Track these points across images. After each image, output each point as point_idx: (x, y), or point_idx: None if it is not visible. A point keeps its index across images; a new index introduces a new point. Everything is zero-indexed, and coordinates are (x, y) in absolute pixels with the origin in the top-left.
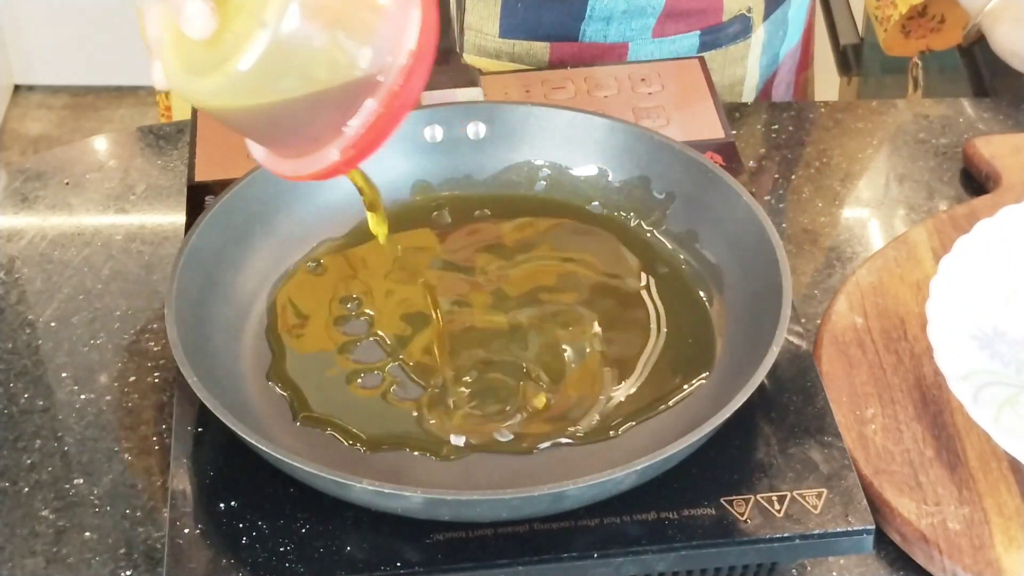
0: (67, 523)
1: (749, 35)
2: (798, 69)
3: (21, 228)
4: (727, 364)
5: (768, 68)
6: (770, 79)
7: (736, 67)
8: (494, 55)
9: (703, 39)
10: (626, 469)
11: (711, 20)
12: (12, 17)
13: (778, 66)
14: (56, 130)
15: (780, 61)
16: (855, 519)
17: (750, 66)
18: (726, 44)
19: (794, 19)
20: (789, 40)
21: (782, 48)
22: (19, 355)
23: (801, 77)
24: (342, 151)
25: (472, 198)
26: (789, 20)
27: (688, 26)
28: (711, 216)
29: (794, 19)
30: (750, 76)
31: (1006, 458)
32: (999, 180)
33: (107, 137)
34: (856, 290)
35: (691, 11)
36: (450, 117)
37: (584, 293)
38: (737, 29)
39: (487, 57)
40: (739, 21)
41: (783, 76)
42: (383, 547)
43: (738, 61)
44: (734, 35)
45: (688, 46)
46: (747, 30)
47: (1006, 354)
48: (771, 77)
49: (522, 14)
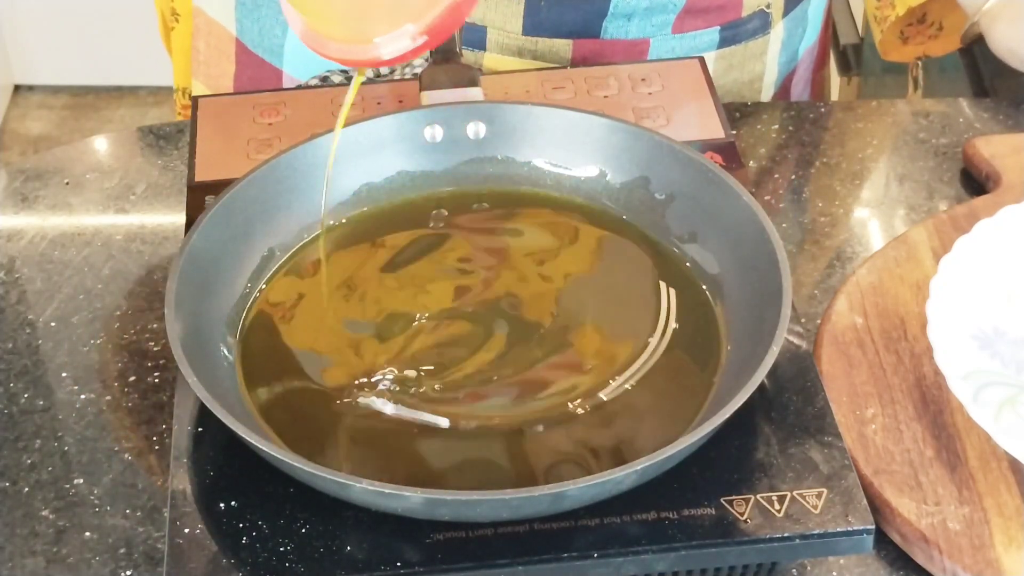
0: (67, 523)
1: (768, 31)
2: (815, 67)
3: (21, 228)
4: (727, 364)
5: (787, 65)
6: (789, 76)
7: (755, 63)
8: (517, 53)
9: (723, 35)
10: (626, 469)
11: (730, 16)
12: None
13: (797, 63)
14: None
15: (799, 58)
16: (855, 519)
17: (769, 63)
18: (745, 40)
19: (813, 16)
20: (808, 38)
21: (801, 45)
22: (19, 355)
23: (819, 75)
24: (414, 36)
25: (472, 197)
26: (809, 17)
27: (707, 22)
28: (711, 216)
29: (813, 16)
30: (769, 73)
31: (1006, 458)
32: (999, 180)
33: (107, 137)
34: (856, 290)
35: (711, 7)
36: (450, 117)
37: (584, 293)
38: (756, 25)
39: (510, 55)
40: (758, 17)
41: (801, 74)
42: (383, 547)
43: (757, 57)
44: (753, 31)
45: (708, 42)
46: (766, 26)
47: (1006, 354)
48: (790, 74)
49: (545, 12)
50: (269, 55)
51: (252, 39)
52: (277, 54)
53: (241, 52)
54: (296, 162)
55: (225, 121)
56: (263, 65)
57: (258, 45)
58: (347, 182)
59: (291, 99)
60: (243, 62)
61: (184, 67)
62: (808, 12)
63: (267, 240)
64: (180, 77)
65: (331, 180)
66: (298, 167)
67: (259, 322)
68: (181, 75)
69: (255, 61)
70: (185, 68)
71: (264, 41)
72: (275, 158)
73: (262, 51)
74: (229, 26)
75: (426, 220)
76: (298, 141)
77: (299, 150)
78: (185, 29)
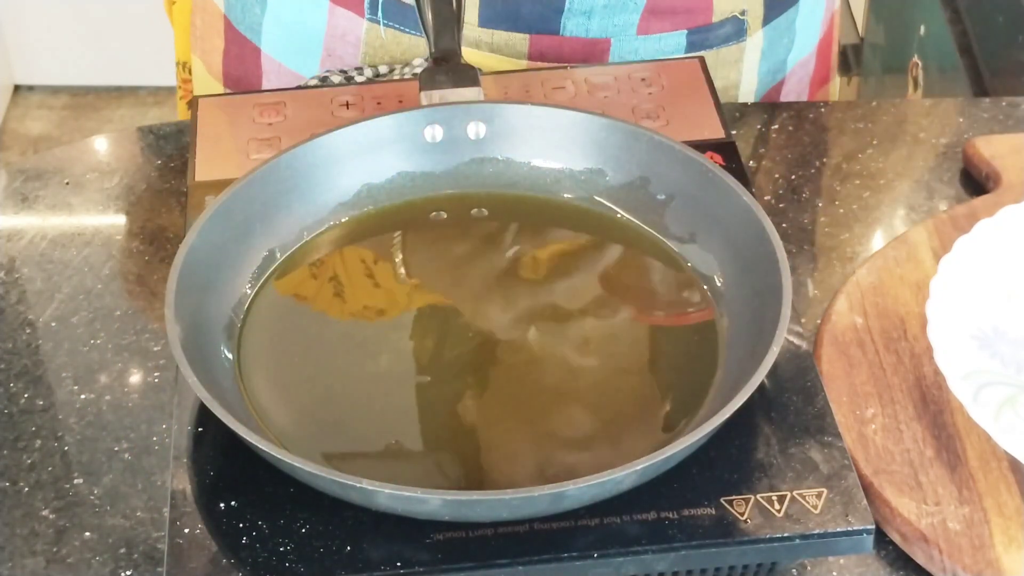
0: (67, 523)
1: (743, 38)
2: (814, 82)
3: (21, 228)
4: (727, 364)
5: (771, 76)
6: (775, 88)
7: (729, 70)
8: (474, 44)
9: (690, 39)
10: (626, 469)
11: (699, 20)
12: (12, 17)
13: (785, 75)
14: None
15: (788, 70)
16: (855, 519)
17: (746, 71)
18: (716, 46)
19: (804, 28)
20: (799, 50)
21: (789, 56)
22: (19, 355)
23: (820, 91)
24: None
25: (471, 198)
26: (797, 28)
27: (674, 25)
28: (711, 216)
29: (804, 28)
30: (746, 82)
31: (1006, 458)
32: (999, 180)
33: (107, 137)
34: (856, 290)
35: (676, 9)
36: (450, 117)
37: (584, 293)
38: (728, 31)
39: (467, 46)
40: (731, 23)
41: (792, 86)
42: (383, 547)
43: (731, 64)
44: (725, 37)
45: (674, 45)
46: (740, 33)
47: (1006, 354)
48: (776, 85)
49: (501, 4)
50: (250, 33)
51: (236, 16)
52: (256, 32)
53: (228, 28)
54: (296, 162)
55: (225, 121)
56: (245, 43)
57: (240, 22)
58: (347, 182)
59: (291, 99)
60: (229, 38)
61: (185, 41)
62: (796, 23)
63: (267, 240)
64: (181, 51)
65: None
66: (298, 167)
67: (259, 322)
68: (182, 49)
69: (239, 38)
70: (186, 42)
71: (246, 19)
72: (275, 158)
73: (243, 28)
74: (219, 1)
75: (424, 220)
76: (298, 141)
77: (299, 150)
78: (186, 3)
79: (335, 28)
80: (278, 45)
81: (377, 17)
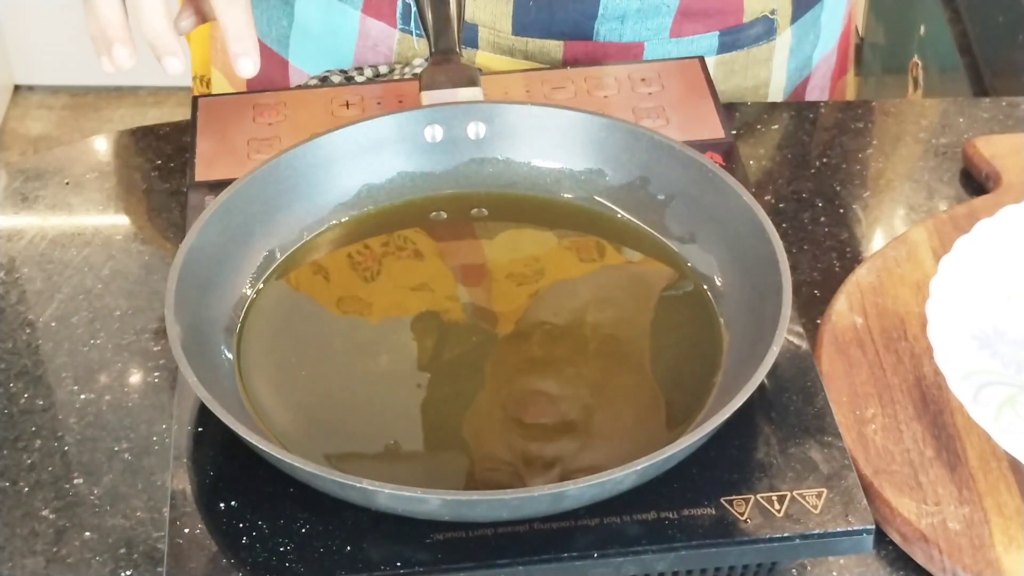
0: (67, 523)
1: (773, 37)
2: (835, 75)
3: (21, 228)
4: (727, 364)
5: (799, 72)
6: (802, 84)
7: (760, 69)
8: (508, 52)
9: (722, 40)
10: (626, 469)
11: (730, 21)
12: (12, 17)
13: (811, 71)
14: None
15: (814, 65)
16: (855, 519)
17: (775, 69)
18: (747, 46)
19: (828, 23)
20: (823, 45)
21: (815, 52)
22: (19, 355)
23: (839, 83)
24: None
25: (471, 198)
26: (822, 24)
27: (706, 26)
28: (711, 216)
29: (828, 23)
30: (776, 79)
31: (1006, 458)
32: (999, 180)
33: (107, 137)
34: (856, 290)
35: (709, 11)
36: (450, 117)
37: (584, 293)
38: (759, 31)
39: (502, 54)
40: (762, 23)
41: (817, 81)
42: (383, 547)
43: (762, 63)
44: (756, 37)
45: (707, 47)
46: (771, 32)
47: (1006, 354)
48: (803, 82)
49: (534, 13)
50: (276, 45)
51: (261, 28)
52: (284, 44)
53: None
54: (296, 162)
55: (225, 121)
56: (271, 55)
57: (266, 35)
58: (347, 182)
59: (291, 99)
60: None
61: (201, 55)
62: (822, 18)
63: (267, 240)
64: (198, 65)
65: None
66: (298, 167)
67: (259, 322)
68: (199, 63)
69: (264, 51)
70: (202, 56)
71: (272, 31)
72: (275, 158)
73: (270, 41)
74: None
75: (423, 221)
76: (298, 141)
77: (299, 150)
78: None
79: (366, 39)
80: (307, 57)
81: (409, 27)
